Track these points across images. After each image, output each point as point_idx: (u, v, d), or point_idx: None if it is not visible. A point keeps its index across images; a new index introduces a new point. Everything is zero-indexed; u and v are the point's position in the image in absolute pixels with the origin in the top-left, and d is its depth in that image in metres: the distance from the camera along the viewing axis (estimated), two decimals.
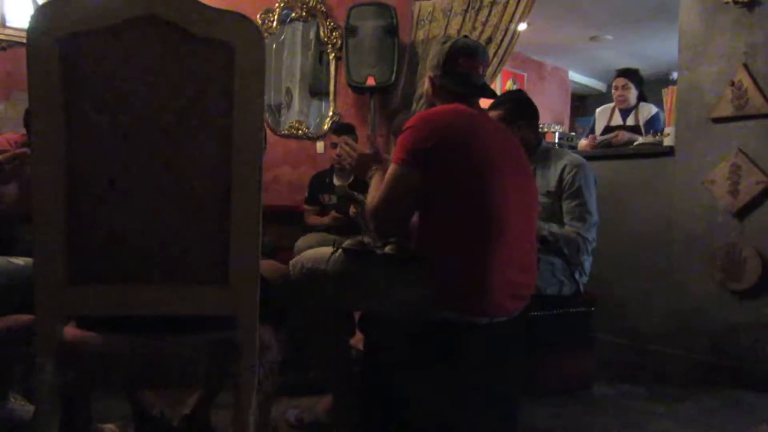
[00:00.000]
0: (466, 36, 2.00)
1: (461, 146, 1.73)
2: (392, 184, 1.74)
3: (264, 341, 1.39)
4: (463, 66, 1.89)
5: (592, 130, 4.46)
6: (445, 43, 1.92)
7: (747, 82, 2.88)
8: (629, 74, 4.23)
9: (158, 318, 1.30)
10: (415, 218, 1.80)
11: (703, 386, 2.79)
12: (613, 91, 4.34)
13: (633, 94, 4.19)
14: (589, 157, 3.32)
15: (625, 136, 3.83)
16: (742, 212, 2.91)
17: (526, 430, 2.15)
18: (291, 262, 1.96)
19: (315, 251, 1.96)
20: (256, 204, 1.27)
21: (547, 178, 2.65)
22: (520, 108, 2.71)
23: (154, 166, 1.24)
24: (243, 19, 1.24)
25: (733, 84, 2.93)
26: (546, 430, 2.20)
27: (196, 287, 1.28)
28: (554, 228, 2.56)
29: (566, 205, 2.61)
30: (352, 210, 2.10)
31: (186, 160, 1.25)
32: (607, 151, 3.66)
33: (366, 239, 1.96)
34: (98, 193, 1.24)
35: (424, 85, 1.98)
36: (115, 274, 1.25)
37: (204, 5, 1.23)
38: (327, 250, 1.95)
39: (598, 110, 4.56)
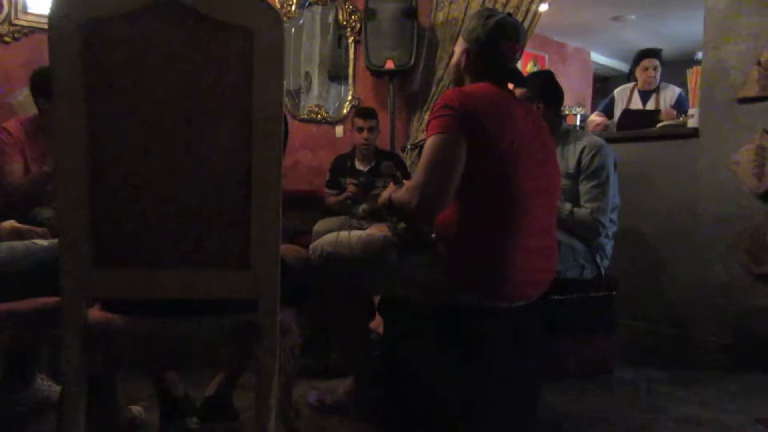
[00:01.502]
0: (509, 14, 1.93)
1: (492, 130, 1.70)
2: (438, 154, 1.65)
3: (285, 324, 1.40)
4: (504, 48, 1.83)
5: (606, 110, 4.38)
6: (489, 17, 1.83)
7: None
8: (658, 55, 4.15)
9: (181, 301, 1.31)
10: None
11: (727, 370, 2.76)
12: (640, 72, 4.24)
13: (659, 75, 4.12)
14: (612, 139, 3.28)
15: (672, 112, 3.76)
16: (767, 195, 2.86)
17: (546, 412, 2.15)
18: (311, 246, 1.97)
19: (333, 235, 1.96)
20: (277, 188, 1.27)
21: (567, 160, 2.62)
22: (543, 89, 2.68)
23: (175, 150, 1.25)
24: (262, 4, 1.24)
25: (759, 63, 2.86)
26: (565, 413, 2.20)
27: (217, 271, 1.29)
28: (567, 207, 2.54)
29: (583, 187, 2.59)
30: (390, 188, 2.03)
31: (206, 144, 1.26)
32: (628, 133, 3.61)
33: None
34: (120, 177, 1.25)
35: (455, 56, 1.91)
36: (138, 257, 1.27)
37: None
38: (346, 233, 1.95)
39: (617, 90, 4.48)
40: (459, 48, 1.89)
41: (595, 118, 4.38)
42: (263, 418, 1.30)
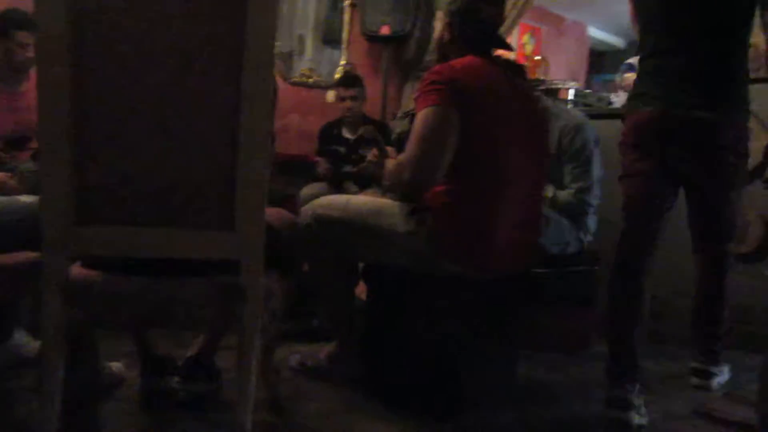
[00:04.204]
0: None
1: (481, 103, 1.70)
2: (431, 127, 1.65)
3: (269, 287, 1.40)
4: (485, 14, 1.82)
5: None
6: None
7: (762, 45, 2.81)
8: None
9: (165, 261, 1.31)
10: None
11: None
12: None
13: None
14: (595, 115, 3.28)
15: None
16: (750, 176, 2.88)
17: (525, 382, 2.19)
18: (303, 209, 1.97)
19: (328, 198, 1.97)
20: (264, 151, 1.26)
21: None
22: None
23: (163, 108, 1.24)
24: None
25: (750, 46, 2.85)
26: (543, 383, 2.24)
27: (202, 232, 1.29)
28: (550, 191, 2.54)
29: (567, 168, 2.59)
30: (372, 153, 2.06)
31: (195, 103, 1.25)
32: (613, 109, 3.60)
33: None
34: (106, 133, 1.24)
35: (437, 31, 1.91)
36: (122, 215, 1.26)
37: None
38: (337, 197, 1.96)
39: (633, 61, 4.40)
40: (440, 23, 1.89)
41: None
42: (244, 380, 1.31)
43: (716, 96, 1.95)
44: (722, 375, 2.26)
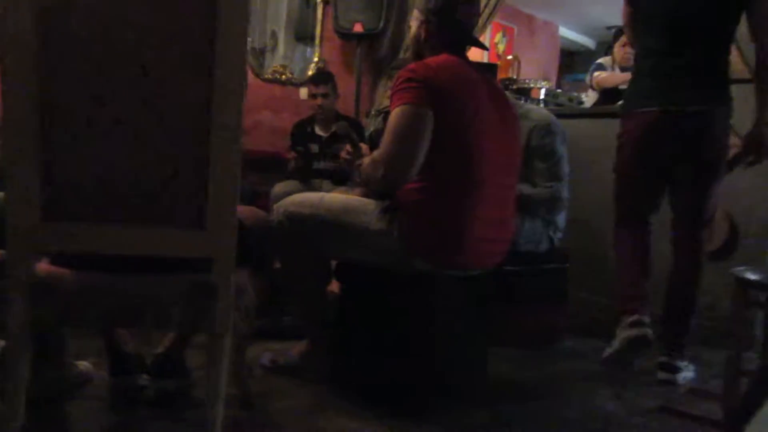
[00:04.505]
0: None
1: (455, 102, 1.71)
2: (406, 125, 1.67)
3: (240, 285, 1.40)
4: (462, 14, 1.84)
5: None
6: None
7: None
8: None
9: (135, 258, 1.29)
10: None
11: None
12: (618, 48, 4.16)
13: None
14: (566, 115, 3.32)
15: None
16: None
17: (497, 379, 2.20)
18: (275, 206, 1.96)
19: (301, 195, 1.96)
20: (236, 147, 1.25)
21: None
22: None
23: (133, 103, 1.22)
24: None
25: None
26: (516, 379, 2.26)
27: (172, 229, 1.27)
28: (526, 189, 2.56)
29: (539, 167, 2.61)
30: (346, 149, 2.07)
31: (166, 98, 1.23)
32: (584, 109, 3.65)
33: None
34: (74, 128, 1.21)
35: (412, 29, 1.91)
36: (90, 212, 1.24)
37: None
38: (309, 194, 1.95)
39: (603, 60, 4.45)
40: (416, 21, 1.89)
41: (612, 74, 4.28)
42: (215, 379, 1.30)
43: (708, 92, 2.22)
44: (688, 370, 2.31)
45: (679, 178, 2.33)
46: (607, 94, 3.85)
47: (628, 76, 4.01)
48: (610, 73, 4.24)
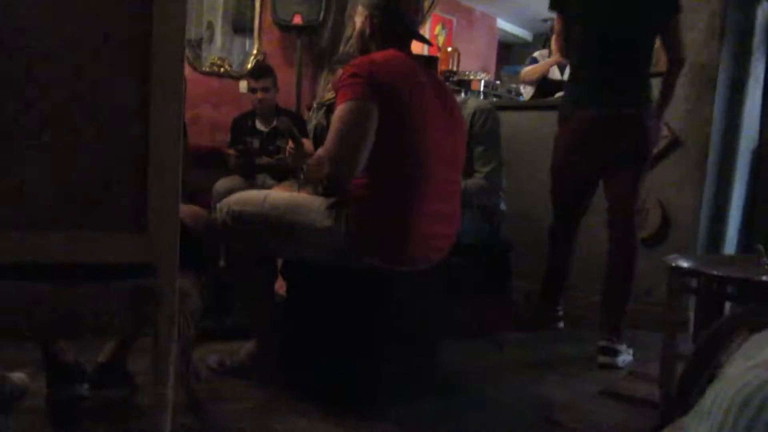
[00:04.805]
0: None
1: (400, 97, 1.71)
2: (350, 121, 1.66)
3: (184, 290, 1.36)
4: (404, 7, 1.85)
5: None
6: None
7: (658, 43, 2.98)
8: None
9: (71, 264, 1.24)
10: None
11: None
12: (555, 40, 4.27)
13: None
14: (501, 107, 3.47)
15: None
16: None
17: (443, 370, 2.23)
18: (218, 205, 1.92)
19: (244, 194, 1.92)
20: (176, 148, 1.21)
21: None
22: None
23: (66, 105, 1.17)
24: None
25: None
26: (463, 371, 2.29)
27: (112, 234, 1.22)
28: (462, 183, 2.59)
29: (477, 151, 2.64)
30: (288, 147, 2.06)
31: (101, 98, 1.18)
32: (539, 101, 3.73)
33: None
34: (2, 129, 1.15)
35: (357, 25, 1.91)
36: (21, 218, 1.18)
37: None
38: (253, 192, 1.92)
39: (537, 54, 4.53)
40: (360, 17, 1.89)
41: (533, 66, 4.38)
42: (161, 386, 1.26)
43: (636, 95, 2.52)
44: (627, 354, 2.41)
45: (612, 172, 2.57)
46: (544, 87, 3.94)
47: (548, 64, 4.18)
48: (531, 67, 4.37)
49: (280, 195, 1.89)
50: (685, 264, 1.70)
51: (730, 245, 3.17)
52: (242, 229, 1.84)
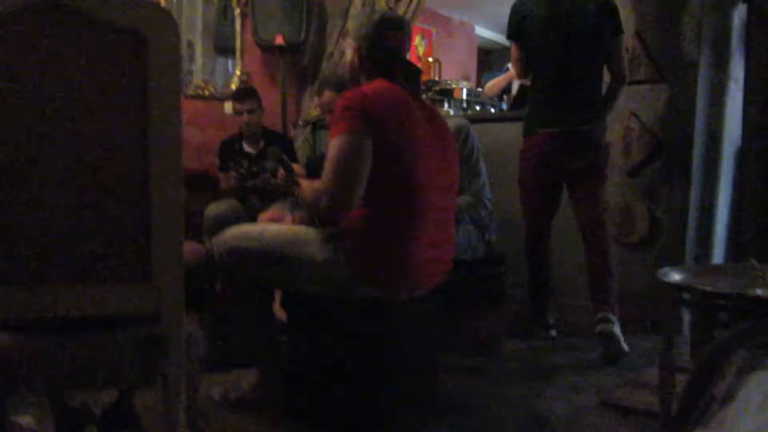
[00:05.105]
0: (390, 8, 2.00)
1: (393, 128, 1.74)
2: (346, 154, 1.68)
3: (191, 335, 1.37)
4: (392, 39, 1.89)
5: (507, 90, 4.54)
6: (373, 14, 1.93)
7: (639, 49, 3.05)
8: None
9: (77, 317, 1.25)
10: None
11: None
12: None
13: None
14: (481, 119, 3.60)
15: None
16: (634, 171, 3.12)
17: (444, 390, 2.25)
18: (213, 241, 1.94)
19: (240, 229, 1.94)
20: (177, 197, 1.24)
21: None
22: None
23: (65, 160, 1.18)
24: (154, 6, 1.18)
25: (626, 50, 3.09)
26: (461, 389, 2.32)
27: (116, 286, 1.24)
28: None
29: (462, 170, 2.67)
30: (279, 174, 2.10)
31: (100, 152, 1.20)
32: (501, 113, 3.79)
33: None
34: (5, 188, 1.16)
35: (348, 56, 1.96)
36: (27, 274, 1.19)
37: None
38: (250, 227, 1.94)
39: (510, 65, 4.59)
40: (350, 49, 1.94)
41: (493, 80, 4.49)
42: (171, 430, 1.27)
43: (593, 112, 2.79)
44: (618, 325, 2.66)
45: (575, 184, 2.84)
46: (522, 98, 4.01)
47: (505, 79, 4.30)
48: (492, 81, 4.47)
49: (276, 229, 1.90)
50: (677, 277, 1.73)
51: (719, 245, 3.22)
52: (241, 265, 1.86)
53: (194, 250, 1.84)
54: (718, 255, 3.23)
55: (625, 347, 2.58)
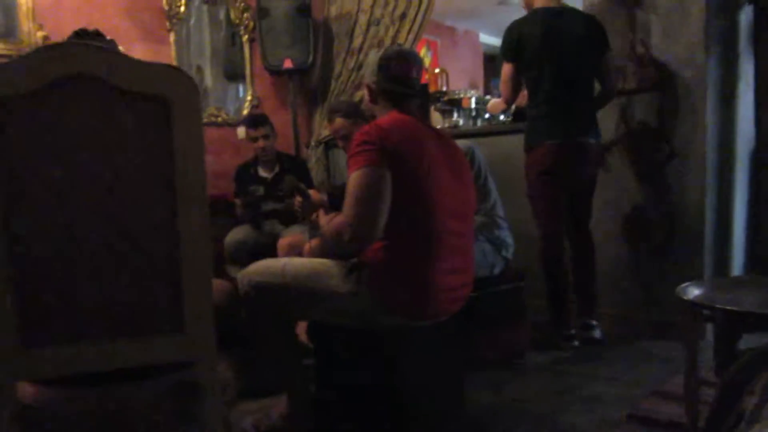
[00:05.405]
0: (399, 44, 2.07)
1: (410, 159, 1.79)
2: (366, 188, 1.73)
3: (224, 379, 1.42)
4: (395, 69, 1.95)
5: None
6: (378, 52, 2.00)
7: (645, 55, 3.07)
8: None
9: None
10: None
11: (628, 342, 3.05)
12: None
13: None
14: (490, 133, 3.77)
15: None
16: (647, 177, 3.14)
17: (471, 408, 2.28)
18: (238, 277, 1.99)
19: (263, 264, 1.99)
20: (206, 253, 1.29)
21: None
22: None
23: (99, 223, 1.24)
24: (175, 71, 1.23)
25: (634, 59, 3.11)
26: (489, 406, 2.35)
27: (150, 339, 1.29)
28: None
29: None
30: (297, 201, 2.17)
31: (131, 214, 1.26)
32: (519, 125, 3.82)
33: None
34: (42, 255, 1.22)
35: (364, 96, 2.05)
36: (67, 333, 1.25)
37: (130, 58, 1.22)
38: (272, 262, 1.99)
39: None
40: (364, 89, 2.03)
41: (497, 101, 4.53)
42: None
43: (589, 124, 2.98)
44: (598, 328, 2.99)
45: (571, 191, 3.02)
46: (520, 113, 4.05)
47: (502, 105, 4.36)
48: (493, 102, 4.52)
49: (298, 262, 1.95)
50: (696, 292, 1.76)
51: (738, 249, 3.22)
52: (265, 300, 1.91)
53: (221, 288, 1.89)
54: (737, 259, 3.23)
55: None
